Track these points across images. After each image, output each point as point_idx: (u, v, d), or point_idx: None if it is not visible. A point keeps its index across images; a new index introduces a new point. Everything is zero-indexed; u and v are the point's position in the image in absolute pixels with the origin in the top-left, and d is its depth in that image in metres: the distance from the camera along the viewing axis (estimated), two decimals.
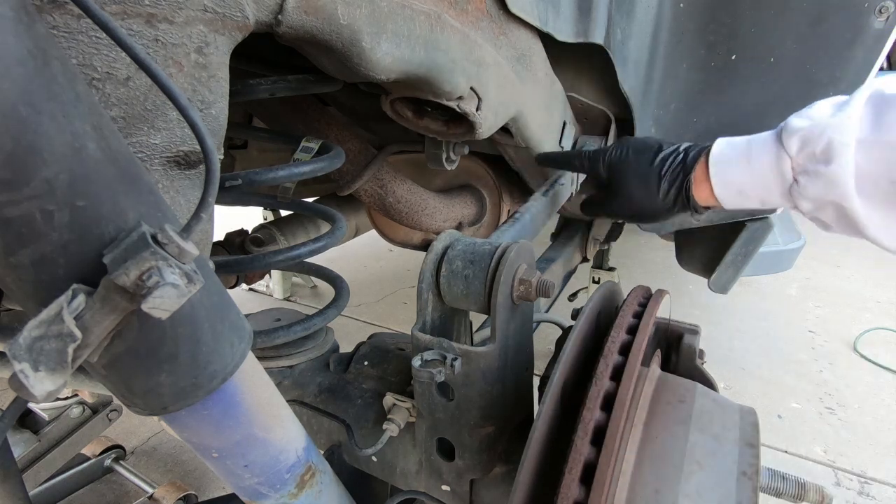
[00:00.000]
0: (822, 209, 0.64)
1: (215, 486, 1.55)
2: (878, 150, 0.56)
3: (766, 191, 0.68)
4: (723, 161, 0.71)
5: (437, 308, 0.63)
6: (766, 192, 0.69)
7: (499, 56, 0.78)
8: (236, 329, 0.43)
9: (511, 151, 1.12)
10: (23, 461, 1.20)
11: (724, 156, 0.71)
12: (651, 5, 1.02)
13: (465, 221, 1.39)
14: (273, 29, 0.46)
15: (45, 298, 0.29)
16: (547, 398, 0.48)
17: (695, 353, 0.64)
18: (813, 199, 0.63)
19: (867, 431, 1.84)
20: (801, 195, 0.64)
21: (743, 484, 0.46)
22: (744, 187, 0.70)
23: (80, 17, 0.33)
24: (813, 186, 0.62)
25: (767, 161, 0.66)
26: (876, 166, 0.57)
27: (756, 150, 0.68)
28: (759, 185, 0.69)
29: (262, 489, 0.52)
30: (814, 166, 0.61)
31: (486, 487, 0.66)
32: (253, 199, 0.90)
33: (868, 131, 0.57)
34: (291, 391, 0.81)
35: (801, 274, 3.21)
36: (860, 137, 0.58)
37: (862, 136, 0.57)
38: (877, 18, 0.96)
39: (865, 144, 0.57)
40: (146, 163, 0.41)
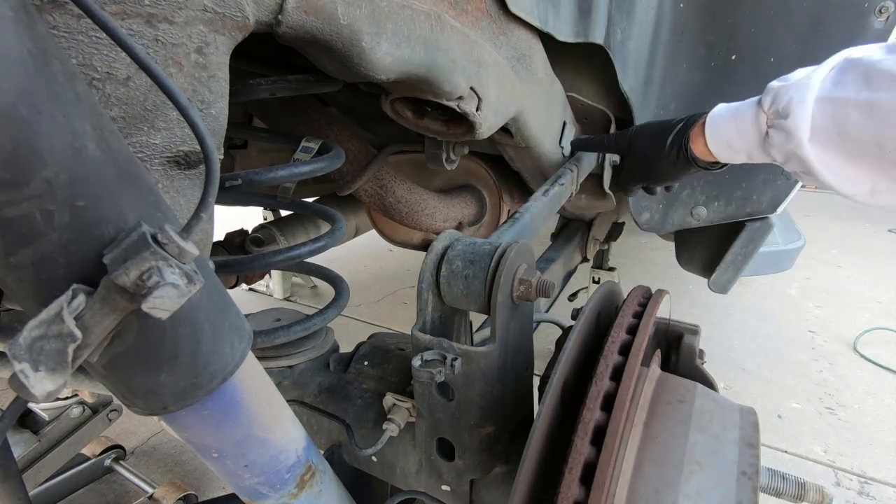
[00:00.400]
0: (789, 160, 0.72)
1: (215, 486, 1.55)
2: (831, 106, 0.64)
3: (749, 143, 0.77)
4: (717, 116, 0.82)
5: (437, 308, 0.63)
6: (749, 145, 0.78)
7: (499, 56, 0.78)
8: (236, 329, 0.43)
9: (511, 151, 1.12)
10: (23, 461, 1.20)
11: (719, 114, 0.82)
12: (651, 5, 1.02)
13: (465, 221, 1.39)
14: (273, 29, 0.46)
15: (46, 298, 0.29)
16: (547, 398, 0.48)
17: (695, 353, 0.64)
18: (779, 149, 0.72)
19: (867, 431, 1.84)
20: (771, 145, 0.73)
21: (743, 484, 0.46)
22: (731, 140, 0.80)
23: (80, 17, 0.33)
24: (777, 137, 0.71)
25: (749, 117, 0.76)
26: (828, 120, 0.64)
27: (742, 108, 0.78)
28: (743, 138, 0.78)
29: (262, 489, 0.52)
30: (778, 120, 0.70)
31: (486, 487, 0.66)
32: (253, 199, 0.90)
33: (827, 89, 0.65)
34: (291, 391, 0.81)
35: (801, 274, 3.21)
36: (819, 95, 0.65)
37: (820, 94, 0.65)
38: (877, 18, 0.96)
39: (822, 101, 0.65)
40: (146, 163, 0.41)
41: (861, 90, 0.61)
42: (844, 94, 0.62)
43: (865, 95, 0.60)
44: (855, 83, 0.62)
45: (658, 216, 1.29)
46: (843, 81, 0.64)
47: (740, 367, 2.23)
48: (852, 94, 0.62)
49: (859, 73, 0.62)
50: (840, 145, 0.64)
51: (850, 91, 0.62)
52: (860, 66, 0.62)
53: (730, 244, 1.32)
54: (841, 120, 0.63)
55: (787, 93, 0.68)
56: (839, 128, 0.63)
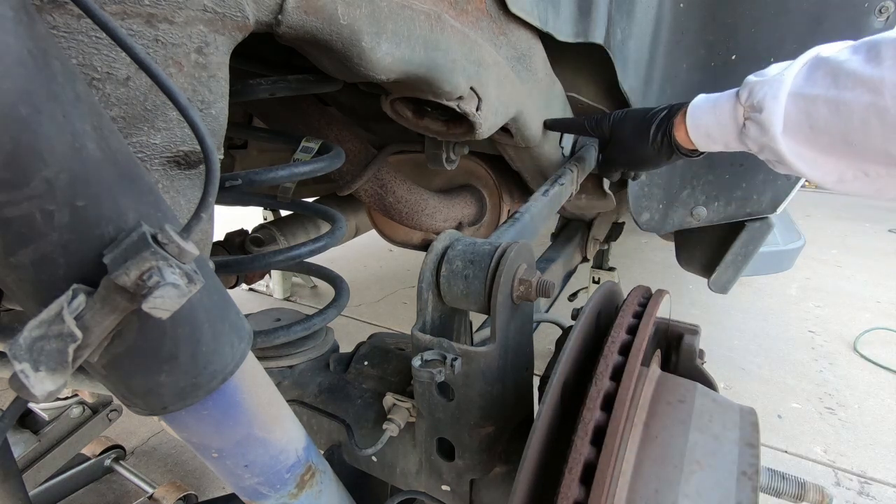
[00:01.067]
0: (763, 151, 0.76)
1: (215, 486, 1.55)
2: (802, 101, 0.68)
3: (726, 134, 0.81)
4: (697, 107, 0.85)
5: (437, 308, 0.63)
6: (726, 136, 0.81)
7: (499, 56, 0.78)
8: (236, 329, 0.43)
9: (511, 151, 1.12)
10: (23, 461, 1.20)
11: (699, 104, 0.85)
12: (651, 5, 1.02)
13: (465, 221, 1.39)
14: (273, 29, 0.46)
15: (46, 298, 0.29)
16: (547, 398, 0.48)
17: (695, 353, 0.64)
18: (754, 141, 0.76)
19: (867, 431, 1.84)
20: (747, 136, 0.77)
21: (743, 484, 0.46)
22: (710, 130, 0.83)
23: (80, 17, 0.33)
24: (753, 130, 0.75)
25: (727, 108, 0.80)
26: (800, 115, 0.69)
27: (721, 100, 0.81)
28: (721, 129, 0.81)
29: (262, 489, 0.52)
30: (753, 113, 0.74)
31: (486, 487, 0.66)
32: (253, 199, 0.90)
33: (799, 85, 0.69)
34: (291, 391, 0.81)
35: (801, 274, 3.21)
36: (792, 90, 0.70)
37: (793, 89, 0.69)
38: (877, 18, 0.96)
39: (794, 96, 0.69)
40: (146, 163, 0.41)
41: (830, 88, 0.65)
42: (815, 90, 0.67)
43: (833, 93, 0.65)
44: (824, 81, 0.66)
45: (658, 216, 1.29)
46: (813, 78, 0.68)
47: (740, 367, 2.23)
48: (822, 91, 0.66)
49: (828, 71, 0.66)
50: (811, 138, 0.69)
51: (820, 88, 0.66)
52: (829, 65, 0.66)
53: (730, 244, 1.32)
54: (811, 115, 0.67)
55: (762, 88, 0.72)
56: (810, 122, 0.68)
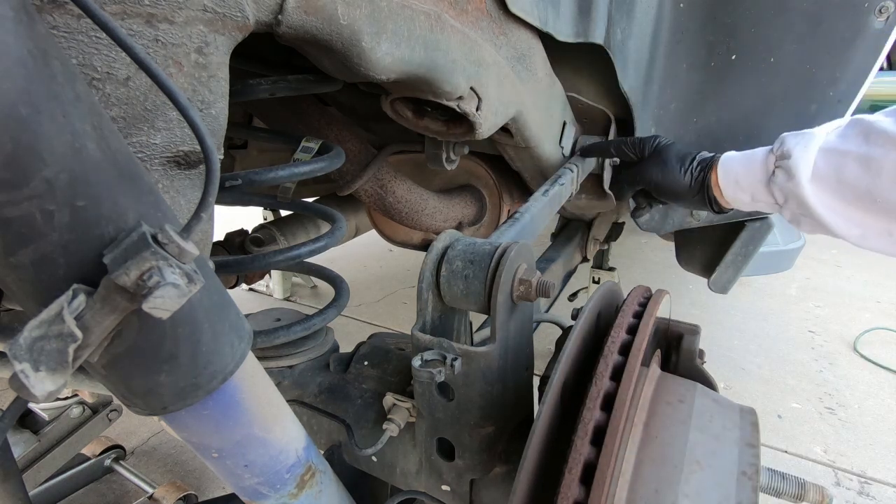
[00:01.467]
0: (789, 200, 0.80)
1: (215, 486, 1.55)
2: (833, 156, 0.73)
3: (754, 181, 0.85)
4: (730, 157, 0.90)
5: (437, 308, 0.63)
6: (754, 183, 0.85)
7: (499, 56, 0.78)
8: (236, 329, 0.43)
9: (511, 151, 1.12)
10: (23, 461, 1.20)
11: (732, 154, 0.90)
12: (651, 5, 1.02)
13: (465, 221, 1.39)
14: (273, 29, 0.46)
15: (46, 298, 0.29)
16: (547, 398, 0.48)
17: (695, 353, 0.64)
18: (781, 188, 0.79)
19: (867, 431, 1.84)
20: (774, 184, 0.81)
21: (743, 484, 0.46)
22: (739, 177, 0.87)
23: (80, 17, 0.33)
24: (780, 176, 0.79)
25: (759, 157, 0.84)
26: (830, 168, 0.73)
27: (756, 152, 0.86)
28: (750, 177, 0.85)
29: (262, 489, 0.52)
30: (783, 161, 0.79)
31: (486, 487, 0.66)
32: (253, 199, 0.90)
33: (832, 142, 0.74)
34: (291, 391, 0.81)
35: (801, 274, 3.21)
36: (823, 146, 0.74)
37: (825, 145, 0.74)
38: (877, 18, 0.96)
39: (826, 151, 0.74)
40: (146, 163, 0.41)
41: (861, 145, 0.69)
42: (846, 146, 0.71)
43: (864, 150, 0.69)
44: (857, 138, 0.70)
45: (658, 216, 1.29)
46: (846, 136, 0.73)
47: (740, 367, 2.23)
48: (853, 147, 0.70)
49: (861, 130, 0.70)
50: (838, 191, 0.73)
51: (852, 145, 0.71)
52: (863, 125, 0.71)
53: (730, 244, 1.32)
54: (840, 169, 0.72)
55: (794, 139, 0.77)
56: (838, 175, 0.72)
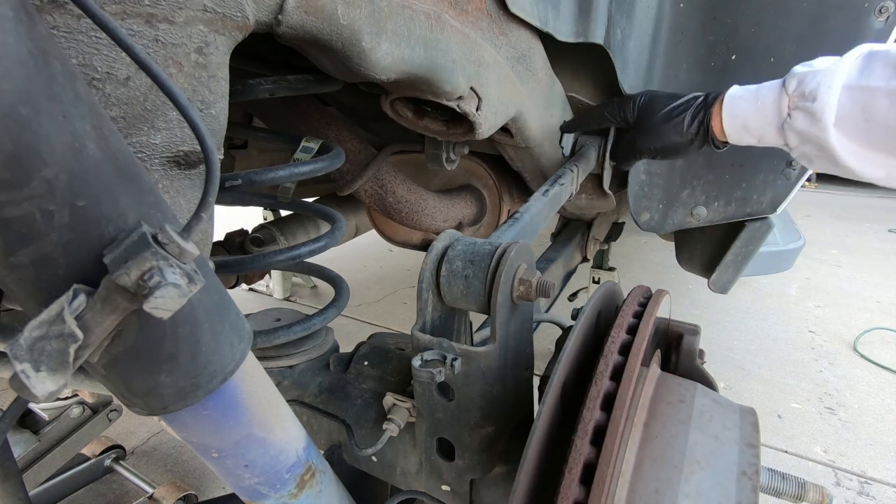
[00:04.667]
0: (806, 143, 0.75)
1: (215, 486, 1.55)
2: (858, 93, 0.67)
3: (766, 124, 0.79)
4: (736, 96, 0.83)
5: (437, 308, 0.63)
6: (765, 126, 0.79)
7: (499, 56, 0.78)
8: (236, 329, 0.43)
9: (511, 151, 1.12)
10: (23, 461, 1.20)
11: (738, 93, 0.84)
12: (651, 5, 1.02)
13: (465, 221, 1.39)
14: (273, 29, 0.46)
15: (46, 298, 0.29)
16: (547, 398, 0.48)
17: (695, 353, 0.64)
18: (799, 133, 0.74)
19: (867, 431, 1.84)
20: (791, 128, 0.75)
21: (743, 484, 0.46)
22: (748, 121, 0.81)
23: (80, 17, 0.33)
24: (801, 119, 0.73)
25: (771, 98, 0.78)
26: (854, 107, 0.67)
27: (764, 89, 0.80)
28: (761, 119, 0.79)
29: (262, 489, 0.52)
30: (803, 103, 0.72)
31: (486, 487, 0.66)
32: (253, 199, 0.90)
33: (854, 78, 0.68)
34: (291, 391, 0.81)
35: (801, 274, 3.21)
36: (846, 83, 0.68)
37: (848, 82, 0.68)
38: (877, 18, 0.96)
39: (849, 88, 0.68)
40: (146, 163, 0.41)
41: (891, 79, 0.64)
42: (873, 82, 0.65)
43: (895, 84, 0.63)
44: (884, 72, 0.65)
45: (658, 216, 1.29)
46: (870, 70, 0.66)
47: (740, 367, 2.23)
48: (882, 82, 0.65)
49: (888, 62, 0.65)
50: (865, 131, 0.67)
51: (879, 80, 0.65)
52: (889, 57, 0.65)
53: (730, 244, 1.32)
54: (868, 107, 0.66)
55: (815, 78, 0.70)
56: (866, 114, 0.66)
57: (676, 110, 0.89)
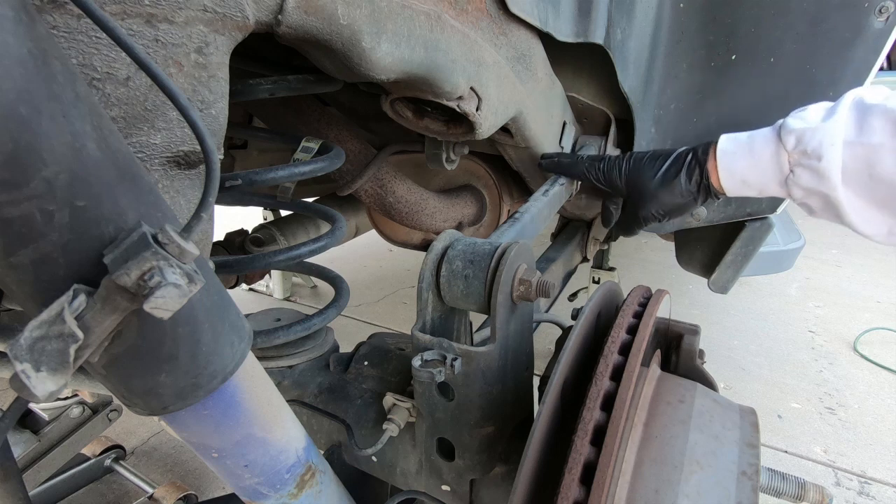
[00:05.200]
0: (811, 197, 0.75)
1: (215, 486, 1.55)
2: (861, 150, 0.67)
3: (766, 180, 0.79)
4: (728, 153, 0.82)
5: (437, 308, 0.63)
6: (765, 181, 0.79)
7: (499, 56, 0.78)
8: (236, 329, 0.43)
9: (511, 151, 1.12)
10: (23, 461, 1.20)
11: (730, 149, 0.82)
12: (651, 5, 1.02)
13: (465, 221, 1.39)
14: (273, 29, 0.46)
15: (46, 298, 0.29)
16: (547, 398, 0.48)
17: (695, 353, 0.64)
18: (804, 189, 0.74)
19: (867, 431, 1.84)
20: (795, 184, 0.75)
21: (743, 484, 0.46)
22: (746, 176, 0.81)
23: (80, 17, 0.33)
24: (806, 178, 0.73)
25: (768, 154, 0.77)
26: (858, 163, 0.67)
27: (758, 144, 0.78)
28: (760, 175, 0.79)
29: (262, 489, 0.52)
30: (807, 161, 0.72)
31: (486, 487, 0.66)
32: (253, 199, 0.90)
33: (853, 134, 0.68)
34: (291, 391, 0.81)
35: (801, 274, 3.21)
36: (846, 139, 0.68)
37: (847, 138, 0.68)
38: (877, 18, 0.96)
39: (850, 145, 0.68)
40: (146, 163, 0.41)
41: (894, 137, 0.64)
42: (875, 139, 0.65)
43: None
44: (885, 129, 0.65)
45: None
46: (869, 126, 0.66)
47: (740, 367, 2.23)
48: (885, 139, 0.65)
49: (888, 119, 0.65)
50: (869, 188, 0.68)
51: (882, 137, 0.65)
52: (887, 113, 0.65)
53: (730, 244, 1.32)
54: (872, 164, 0.66)
55: (815, 136, 0.70)
56: (870, 171, 0.66)
57: (669, 173, 0.86)
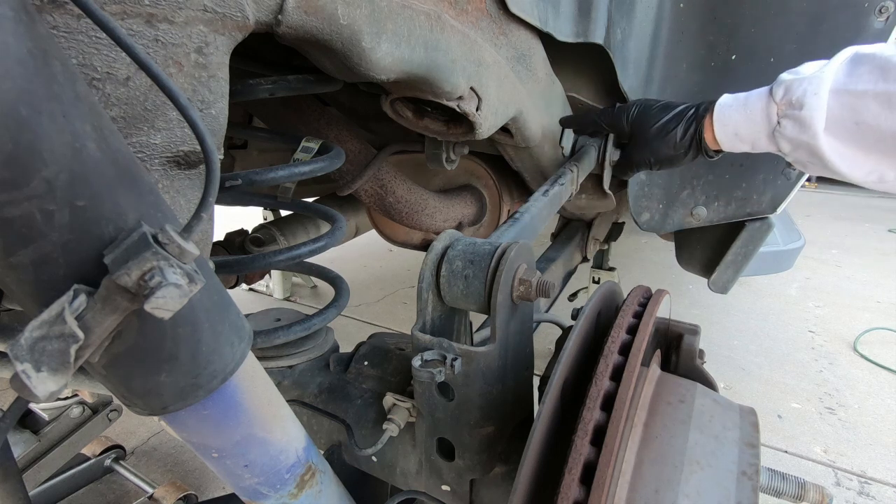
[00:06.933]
0: (797, 149, 0.75)
1: (215, 486, 1.55)
2: (847, 97, 0.67)
3: (756, 132, 0.80)
4: (725, 105, 0.84)
5: (437, 308, 0.63)
6: (756, 134, 0.80)
7: (499, 56, 0.78)
8: (236, 329, 0.43)
9: (511, 151, 1.12)
10: (23, 461, 1.20)
11: (727, 102, 0.85)
12: (651, 5, 1.02)
13: (465, 221, 1.39)
14: (273, 29, 0.46)
15: (46, 299, 0.29)
16: (547, 398, 0.48)
17: (695, 353, 0.64)
18: (790, 140, 0.75)
19: (867, 431, 1.84)
20: (782, 135, 0.76)
21: (743, 484, 0.46)
22: (738, 129, 0.82)
23: (80, 17, 0.33)
24: (790, 127, 0.74)
25: (759, 106, 0.78)
26: (843, 110, 0.68)
27: (752, 98, 0.81)
28: (751, 127, 0.80)
29: (262, 489, 0.52)
30: (791, 111, 0.73)
31: (486, 487, 0.66)
32: (253, 199, 0.90)
33: (841, 82, 0.68)
34: (291, 391, 0.81)
35: (801, 274, 3.21)
36: (833, 87, 0.68)
37: (835, 86, 0.68)
38: (877, 18, 0.96)
39: (837, 92, 0.68)
40: (146, 163, 0.41)
41: (878, 82, 0.64)
42: (861, 86, 0.65)
43: (883, 87, 0.63)
44: (871, 75, 0.65)
45: (658, 216, 1.29)
46: (857, 74, 0.66)
47: (740, 367, 2.23)
48: (870, 85, 0.65)
49: (875, 66, 0.65)
50: (856, 135, 0.67)
51: (868, 83, 0.65)
52: (875, 60, 0.65)
53: (730, 244, 1.32)
54: (858, 111, 0.66)
55: (801, 85, 0.71)
56: (856, 118, 0.66)
57: (670, 124, 0.90)
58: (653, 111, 0.93)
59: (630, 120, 0.96)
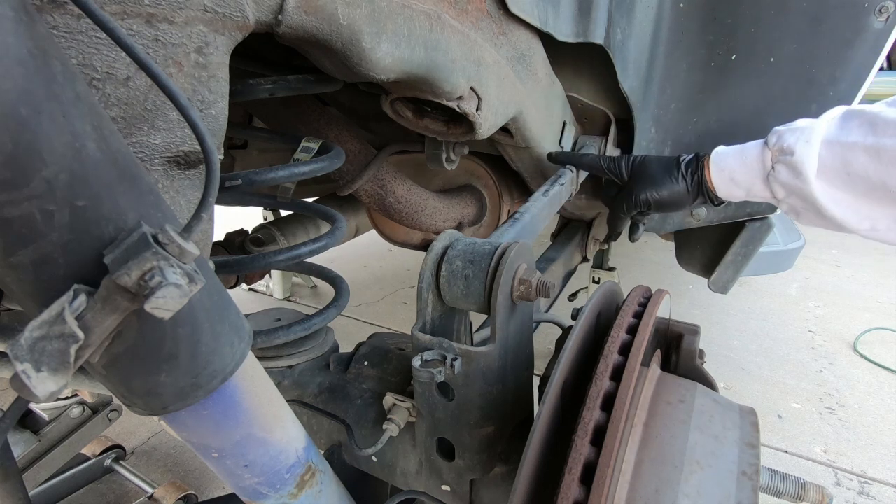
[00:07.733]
0: (791, 195, 0.79)
1: (215, 486, 1.55)
2: (838, 147, 0.71)
3: (752, 177, 0.84)
4: (721, 152, 0.89)
5: (437, 308, 0.63)
6: (751, 179, 0.84)
7: (499, 56, 0.78)
8: (236, 329, 0.43)
9: (511, 151, 1.12)
10: (23, 461, 1.20)
11: (724, 150, 0.89)
12: (651, 5, 1.02)
13: (465, 221, 1.39)
14: (273, 29, 0.46)
15: (46, 299, 0.29)
16: (547, 398, 0.48)
17: (695, 353, 0.64)
18: (783, 184, 0.78)
19: (867, 431, 1.84)
20: (776, 180, 0.79)
21: (743, 484, 0.46)
22: (734, 174, 0.86)
23: (80, 17, 0.33)
24: (784, 172, 0.77)
25: (755, 153, 0.83)
26: (835, 160, 0.72)
27: (748, 146, 0.85)
28: (747, 172, 0.84)
29: (262, 489, 0.52)
30: (784, 157, 0.77)
31: (486, 487, 0.66)
32: (253, 199, 0.90)
33: (833, 134, 0.73)
34: (291, 391, 0.81)
35: (801, 274, 3.21)
36: (826, 138, 0.73)
37: (827, 137, 0.73)
38: (877, 18, 0.96)
39: (829, 143, 0.72)
40: (146, 163, 0.41)
41: (868, 135, 0.68)
42: (852, 138, 0.70)
43: (872, 140, 0.67)
44: (861, 129, 0.69)
45: (658, 217, 1.29)
46: (848, 127, 0.71)
47: (740, 367, 2.23)
48: (860, 138, 0.69)
49: (864, 120, 0.69)
50: (848, 183, 0.71)
51: (857, 136, 0.69)
52: (865, 116, 0.69)
53: (730, 244, 1.32)
54: (849, 161, 0.70)
55: (794, 134, 0.75)
56: (847, 168, 0.70)
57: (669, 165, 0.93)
58: (652, 158, 0.96)
59: (632, 165, 0.97)
